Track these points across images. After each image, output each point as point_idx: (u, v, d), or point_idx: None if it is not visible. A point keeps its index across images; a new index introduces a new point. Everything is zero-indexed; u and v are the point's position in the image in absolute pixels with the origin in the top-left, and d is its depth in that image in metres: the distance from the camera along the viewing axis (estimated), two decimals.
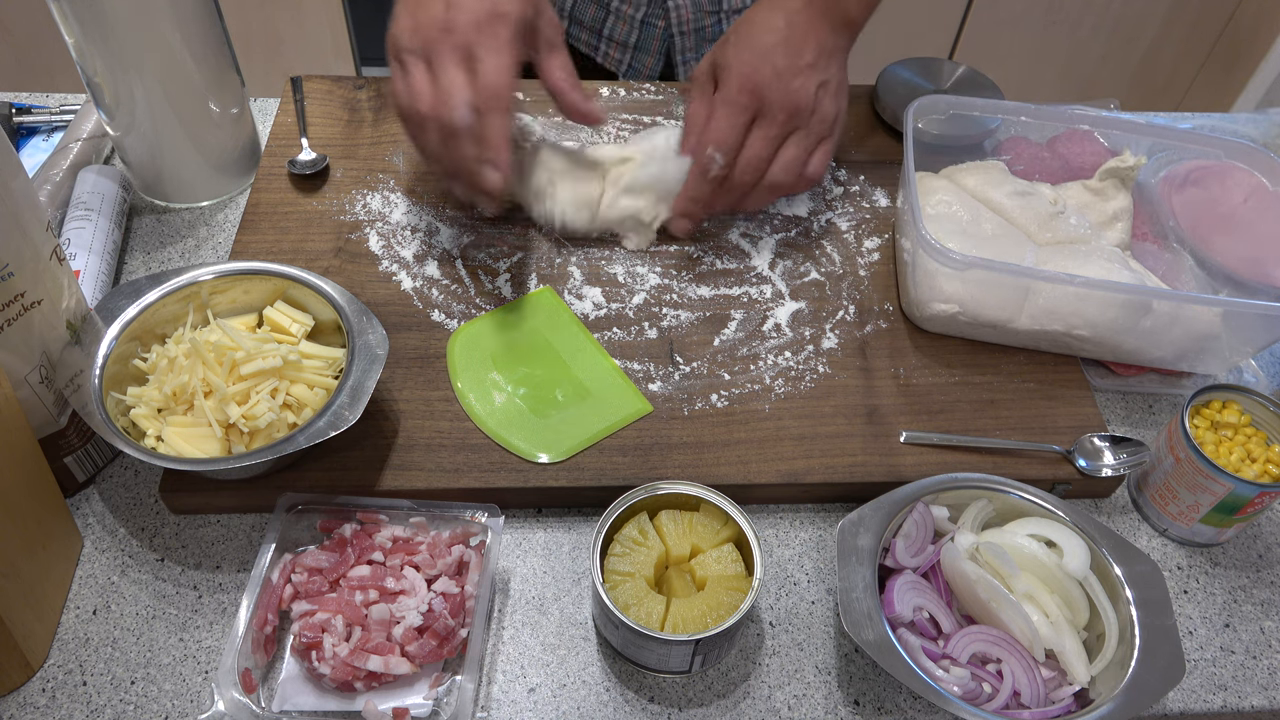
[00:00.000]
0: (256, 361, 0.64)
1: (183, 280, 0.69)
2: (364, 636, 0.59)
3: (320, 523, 0.66)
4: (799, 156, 0.79)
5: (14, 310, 0.60)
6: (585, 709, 0.61)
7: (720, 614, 0.59)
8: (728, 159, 0.79)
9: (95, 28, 0.74)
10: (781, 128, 0.78)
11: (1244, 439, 0.69)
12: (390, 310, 0.78)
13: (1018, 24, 2.10)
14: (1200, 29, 2.15)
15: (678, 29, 1.04)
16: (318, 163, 0.87)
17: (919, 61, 1.00)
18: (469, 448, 0.69)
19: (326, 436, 0.62)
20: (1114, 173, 0.83)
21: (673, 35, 1.04)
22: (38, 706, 0.59)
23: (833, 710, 0.62)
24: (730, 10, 1.05)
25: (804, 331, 0.79)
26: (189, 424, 0.64)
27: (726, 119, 0.78)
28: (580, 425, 0.71)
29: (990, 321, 0.76)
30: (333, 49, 2.06)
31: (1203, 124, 1.02)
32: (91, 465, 0.69)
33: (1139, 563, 0.62)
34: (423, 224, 0.84)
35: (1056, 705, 0.59)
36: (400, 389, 0.73)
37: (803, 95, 0.78)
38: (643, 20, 1.03)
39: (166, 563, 0.66)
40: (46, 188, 0.84)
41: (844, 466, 0.70)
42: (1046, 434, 0.73)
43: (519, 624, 0.64)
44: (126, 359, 0.67)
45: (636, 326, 0.78)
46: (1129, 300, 0.72)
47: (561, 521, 0.70)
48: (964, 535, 0.64)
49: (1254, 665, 0.66)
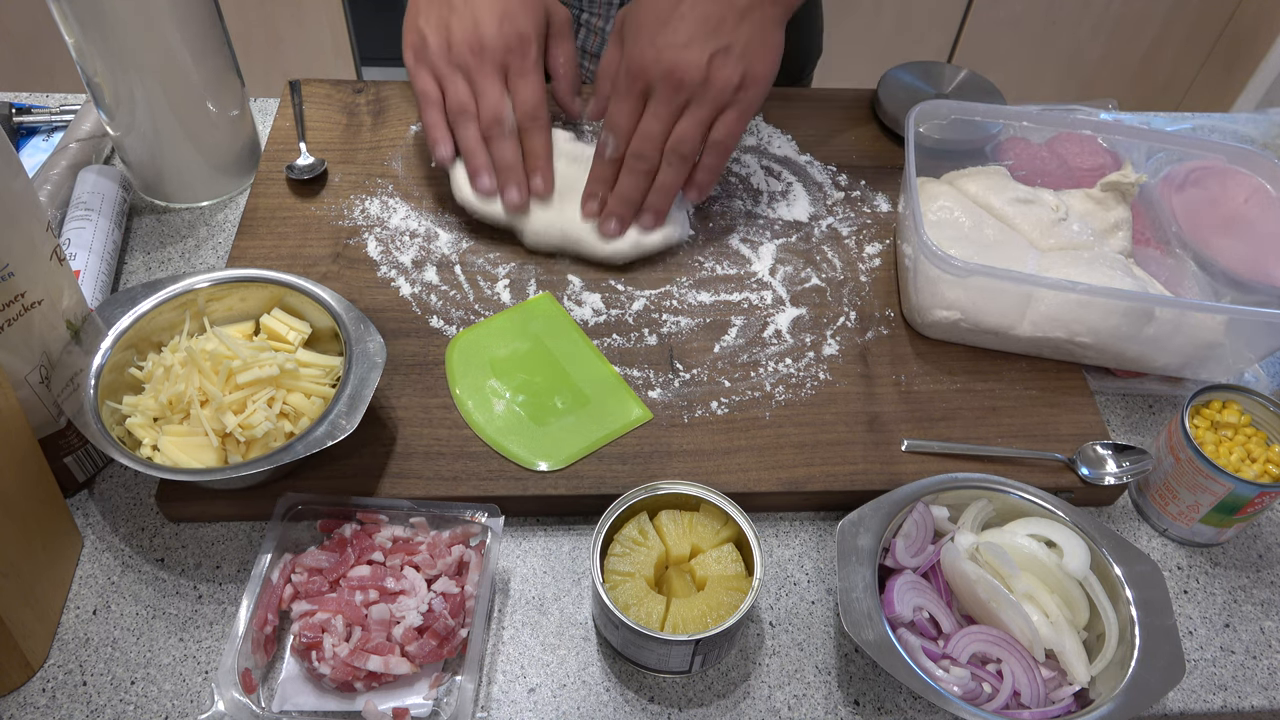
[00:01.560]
0: (253, 370, 0.64)
1: (179, 288, 0.69)
2: (364, 636, 0.59)
3: (320, 523, 0.66)
4: (693, 127, 0.78)
5: (14, 310, 0.60)
6: (585, 709, 0.61)
7: (720, 614, 0.59)
8: (622, 140, 0.80)
9: (95, 28, 0.74)
10: (669, 102, 0.78)
11: (1244, 439, 0.69)
12: (388, 316, 0.78)
13: (1017, 24, 2.11)
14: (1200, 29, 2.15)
15: None
16: (316, 167, 0.87)
17: (920, 66, 1.00)
18: (468, 455, 0.69)
19: (324, 445, 0.62)
20: (1115, 186, 0.83)
21: None
22: (38, 706, 0.59)
23: (833, 710, 0.62)
24: None
25: (805, 338, 0.79)
26: (185, 433, 0.64)
27: (617, 104, 0.80)
28: (580, 433, 0.71)
29: (992, 328, 0.76)
30: (333, 49, 2.06)
31: (1203, 124, 1.02)
32: (91, 465, 0.69)
33: (1139, 563, 0.62)
34: (421, 229, 0.84)
35: (1056, 705, 0.59)
36: (398, 396, 0.73)
37: (688, 68, 0.76)
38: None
39: (167, 563, 0.66)
40: (46, 188, 0.84)
41: (845, 474, 0.70)
42: (1049, 442, 0.73)
43: (519, 624, 0.64)
44: (122, 367, 0.67)
45: (636, 333, 0.78)
46: (1132, 307, 0.72)
47: (561, 522, 0.70)
48: (964, 535, 0.64)
49: (1254, 665, 0.66)
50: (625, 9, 0.82)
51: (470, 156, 0.81)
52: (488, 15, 0.79)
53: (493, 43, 0.79)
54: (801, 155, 0.94)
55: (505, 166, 0.81)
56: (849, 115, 0.98)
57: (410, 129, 0.93)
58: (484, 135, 0.81)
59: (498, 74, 0.80)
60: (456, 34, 0.80)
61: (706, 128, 0.79)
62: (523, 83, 0.80)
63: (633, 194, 0.81)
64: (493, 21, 0.79)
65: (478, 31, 0.79)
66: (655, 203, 0.81)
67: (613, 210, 0.81)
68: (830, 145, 0.95)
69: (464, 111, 0.80)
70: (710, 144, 0.79)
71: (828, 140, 0.95)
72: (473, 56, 0.79)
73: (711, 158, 0.81)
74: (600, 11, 1.02)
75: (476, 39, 0.79)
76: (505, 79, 0.81)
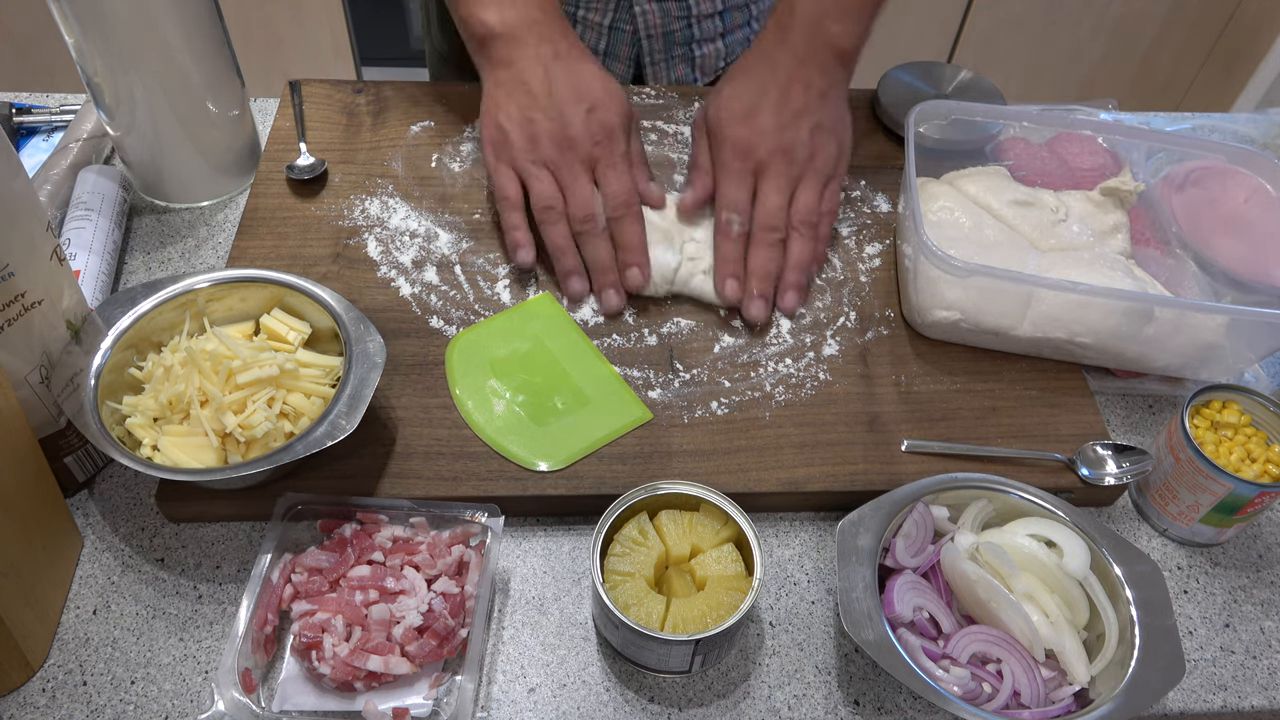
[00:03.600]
0: (253, 370, 0.64)
1: (179, 288, 0.69)
2: (364, 636, 0.59)
3: (320, 523, 0.66)
4: (813, 198, 0.80)
5: (14, 310, 0.60)
6: (585, 709, 0.61)
7: (720, 614, 0.59)
8: (744, 217, 0.79)
9: (95, 28, 0.74)
10: (785, 176, 0.79)
11: (1244, 439, 0.69)
12: (388, 316, 0.78)
13: (1017, 25, 2.11)
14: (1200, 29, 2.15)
15: (645, 34, 1.04)
16: (316, 167, 0.87)
17: (920, 66, 1.00)
18: (467, 455, 0.69)
19: (324, 445, 0.62)
20: (1114, 192, 0.83)
21: (641, 40, 1.04)
22: (38, 706, 0.59)
23: (833, 710, 0.62)
24: (700, 15, 1.04)
25: (805, 338, 0.79)
26: (185, 433, 0.64)
27: (730, 185, 0.79)
28: (580, 433, 0.71)
29: (992, 328, 0.76)
30: (333, 49, 2.06)
31: (1203, 124, 1.02)
32: (91, 465, 0.69)
33: (1139, 563, 0.62)
34: (421, 229, 0.84)
35: (1056, 705, 0.59)
36: (398, 396, 0.73)
37: (797, 145, 0.79)
38: (610, 26, 1.03)
39: (167, 562, 0.66)
40: (46, 188, 0.84)
41: (845, 475, 0.70)
42: (1049, 442, 0.73)
43: (519, 624, 0.64)
44: (122, 368, 0.67)
45: (636, 333, 0.78)
46: (1132, 308, 0.72)
47: (561, 522, 0.70)
48: (964, 535, 0.64)
49: (1254, 665, 0.66)
50: (708, 102, 0.83)
51: (561, 256, 0.79)
52: (574, 108, 0.78)
53: (581, 136, 0.77)
54: None
55: (601, 268, 0.78)
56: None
57: (410, 129, 0.93)
58: (575, 234, 0.79)
59: (586, 169, 0.78)
60: (541, 128, 0.78)
61: (820, 197, 0.80)
62: (613, 174, 0.78)
63: (771, 267, 0.79)
64: (579, 114, 0.78)
65: (564, 125, 0.77)
66: (796, 280, 0.79)
67: (759, 290, 0.78)
68: None
69: (551, 209, 0.78)
70: (823, 214, 0.81)
71: None
72: (560, 153, 0.78)
73: (826, 227, 0.82)
74: (597, 6, 1.02)
75: (564, 133, 0.77)
76: (592, 173, 0.79)
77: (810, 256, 0.80)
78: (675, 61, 1.07)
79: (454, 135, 0.92)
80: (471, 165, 0.90)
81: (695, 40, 1.06)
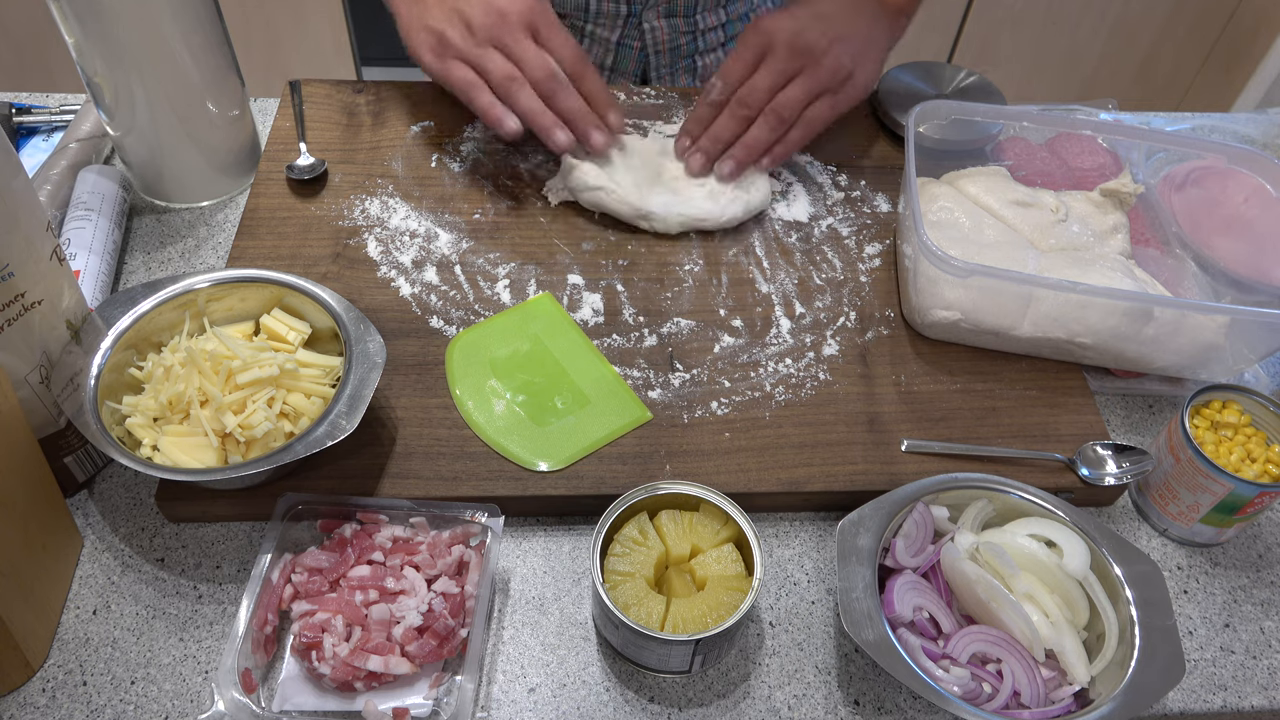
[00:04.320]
0: (253, 370, 0.64)
1: (179, 288, 0.69)
2: (364, 636, 0.59)
3: (320, 523, 0.66)
4: (798, 95, 0.82)
5: (14, 310, 0.60)
6: (585, 709, 0.61)
7: (720, 614, 0.59)
8: (729, 87, 0.82)
9: (95, 28, 0.74)
10: (786, 63, 0.81)
11: (1244, 439, 0.69)
12: (388, 316, 0.78)
13: (1017, 24, 2.11)
14: (1200, 29, 2.15)
15: (653, 49, 1.06)
16: (316, 167, 0.87)
17: (921, 66, 1.00)
18: (467, 455, 0.69)
19: (324, 446, 0.62)
20: (1113, 194, 0.83)
21: (648, 56, 1.06)
22: (38, 706, 0.59)
23: (833, 710, 0.62)
24: (705, 29, 1.06)
25: (805, 338, 0.79)
26: (185, 433, 0.64)
27: (735, 56, 0.83)
28: (579, 433, 0.71)
29: (992, 328, 0.76)
30: (333, 49, 2.06)
31: (1203, 124, 1.02)
32: (91, 465, 0.69)
33: (1139, 563, 0.62)
34: (421, 229, 0.84)
35: (1056, 705, 0.59)
36: (398, 396, 0.73)
37: (812, 41, 0.81)
38: (618, 42, 1.05)
39: (167, 562, 0.66)
40: (46, 188, 0.84)
41: (845, 475, 0.70)
42: (1049, 442, 0.73)
43: (519, 624, 0.64)
44: (122, 368, 0.67)
45: (636, 333, 0.78)
46: (1131, 308, 0.72)
47: (561, 522, 0.70)
48: (964, 535, 0.64)
49: (1254, 665, 0.66)
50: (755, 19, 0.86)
51: (536, 117, 0.81)
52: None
53: (511, 8, 0.80)
54: (802, 155, 0.94)
55: (578, 115, 0.81)
56: (849, 115, 0.98)
57: (410, 129, 0.93)
58: (542, 94, 0.81)
59: (528, 37, 0.80)
60: (474, 15, 0.80)
61: (807, 103, 0.82)
62: (556, 36, 0.81)
63: (725, 135, 0.83)
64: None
65: (494, 5, 0.80)
66: (738, 154, 0.83)
67: (702, 146, 0.83)
68: (830, 145, 0.95)
69: (513, 79, 0.80)
70: (802, 119, 0.83)
71: (828, 140, 0.95)
72: (500, 28, 0.80)
73: (798, 132, 0.84)
74: (605, 22, 1.03)
75: (495, 9, 0.80)
76: (536, 40, 0.81)
77: (764, 144, 0.83)
78: (679, 73, 1.09)
79: (454, 135, 0.92)
80: (472, 165, 0.90)
81: (699, 51, 1.08)
